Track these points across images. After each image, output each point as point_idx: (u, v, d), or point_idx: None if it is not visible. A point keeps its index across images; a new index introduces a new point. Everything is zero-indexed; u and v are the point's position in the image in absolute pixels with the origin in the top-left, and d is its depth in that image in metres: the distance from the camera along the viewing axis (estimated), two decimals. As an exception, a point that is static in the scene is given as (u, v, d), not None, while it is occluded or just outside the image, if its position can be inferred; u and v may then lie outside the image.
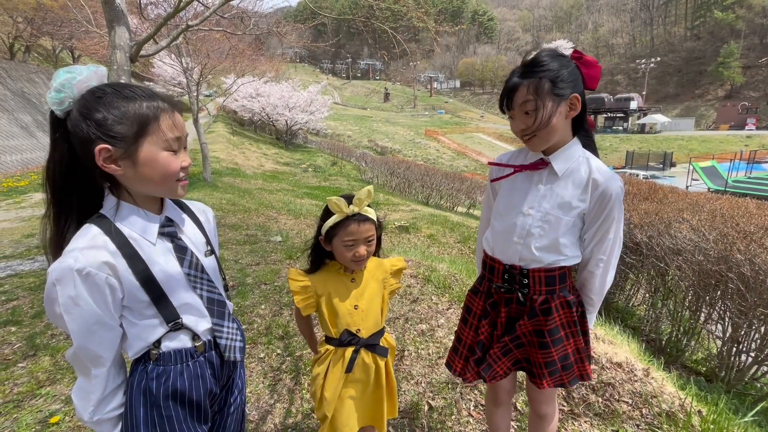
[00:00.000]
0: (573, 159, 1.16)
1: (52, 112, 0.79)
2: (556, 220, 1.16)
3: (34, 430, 1.87)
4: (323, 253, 1.27)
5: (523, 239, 1.19)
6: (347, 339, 1.24)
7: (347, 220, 1.18)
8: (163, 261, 0.86)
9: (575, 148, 1.17)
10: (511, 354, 1.26)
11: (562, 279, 1.21)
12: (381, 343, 1.30)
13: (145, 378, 0.87)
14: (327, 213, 1.22)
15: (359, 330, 1.25)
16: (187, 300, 0.90)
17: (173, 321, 0.88)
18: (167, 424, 0.88)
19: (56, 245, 0.82)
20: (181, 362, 0.90)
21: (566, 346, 1.24)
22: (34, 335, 2.74)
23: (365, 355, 1.27)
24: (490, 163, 1.32)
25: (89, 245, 0.78)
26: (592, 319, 1.31)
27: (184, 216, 0.98)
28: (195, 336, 0.92)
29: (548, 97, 1.07)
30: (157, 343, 0.87)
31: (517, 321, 1.24)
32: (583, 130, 1.19)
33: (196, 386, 0.92)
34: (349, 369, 1.23)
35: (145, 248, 0.84)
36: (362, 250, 1.19)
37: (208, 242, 1.00)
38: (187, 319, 0.90)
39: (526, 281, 1.20)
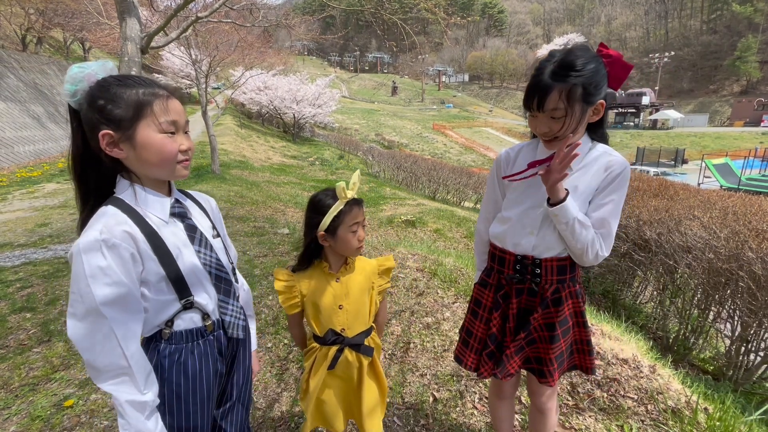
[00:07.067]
0: (586, 149, 1.17)
1: (70, 105, 0.86)
2: None
3: (49, 412, 1.93)
4: (315, 251, 1.27)
5: (537, 231, 1.20)
6: (331, 339, 1.26)
7: (350, 205, 1.19)
8: (175, 238, 0.92)
9: (585, 138, 1.18)
10: (522, 352, 1.27)
11: (572, 268, 1.23)
12: (366, 343, 1.31)
13: (156, 356, 0.92)
14: (316, 210, 1.20)
15: (344, 330, 1.26)
16: (197, 275, 0.94)
17: (185, 297, 0.92)
18: (175, 401, 0.92)
19: (82, 225, 0.88)
20: (192, 341, 0.95)
21: (571, 335, 1.27)
22: (48, 321, 2.81)
23: (349, 354, 1.28)
24: (504, 178, 1.27)
25: (110, 222, 0.82)
26: None
27: (191, 202, 1.04)
28: (205, 315, 0.97)
29: (578, 104, 1.05)
30: (170, 322, 0.92)
31: (529, 313, 1.25)
32: (600, 129, 1.19)
33: (206, 364, 0.96)
34: (331, 366, 1.27)
35: (159, 225, 0.90)
36: (362, 232, 1.23)
37: (214, 227, 1.06)
38: (197, 295, 0.94)
39: (538, 271, 1.21)
